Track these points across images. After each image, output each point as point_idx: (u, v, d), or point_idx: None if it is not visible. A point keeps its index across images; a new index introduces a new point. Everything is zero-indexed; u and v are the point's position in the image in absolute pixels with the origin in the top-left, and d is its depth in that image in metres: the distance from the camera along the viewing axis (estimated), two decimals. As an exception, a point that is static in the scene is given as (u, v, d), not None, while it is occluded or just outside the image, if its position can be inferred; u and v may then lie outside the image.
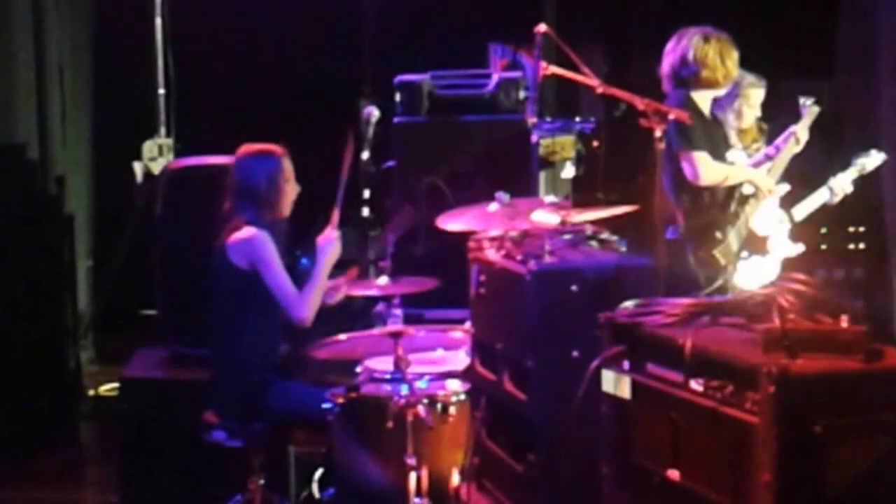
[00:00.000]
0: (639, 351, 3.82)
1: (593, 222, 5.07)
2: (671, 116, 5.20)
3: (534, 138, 6.75)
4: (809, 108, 6.19)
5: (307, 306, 5.08)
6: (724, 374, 3.46)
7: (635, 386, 3.80)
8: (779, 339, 3.42)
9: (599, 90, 5.23)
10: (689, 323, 3.76)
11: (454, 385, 5.10)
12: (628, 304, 3.96)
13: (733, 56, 5.93)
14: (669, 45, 5.97)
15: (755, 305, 3.72)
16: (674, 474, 3.63)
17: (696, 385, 3.56)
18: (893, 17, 7.32)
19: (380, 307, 5.68)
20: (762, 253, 5.95)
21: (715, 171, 5.84)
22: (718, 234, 5.87)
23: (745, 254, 5.92)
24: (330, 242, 5.20)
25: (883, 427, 3.34)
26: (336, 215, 5.31)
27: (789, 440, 3.26)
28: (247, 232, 5.14)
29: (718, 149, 5.97)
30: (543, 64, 5.27)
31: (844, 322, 3.47)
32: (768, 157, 6.22)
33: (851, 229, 7.62)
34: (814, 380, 3.31)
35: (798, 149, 6.20)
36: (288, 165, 5.29)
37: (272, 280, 5.11)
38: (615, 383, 3.86)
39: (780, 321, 3.50)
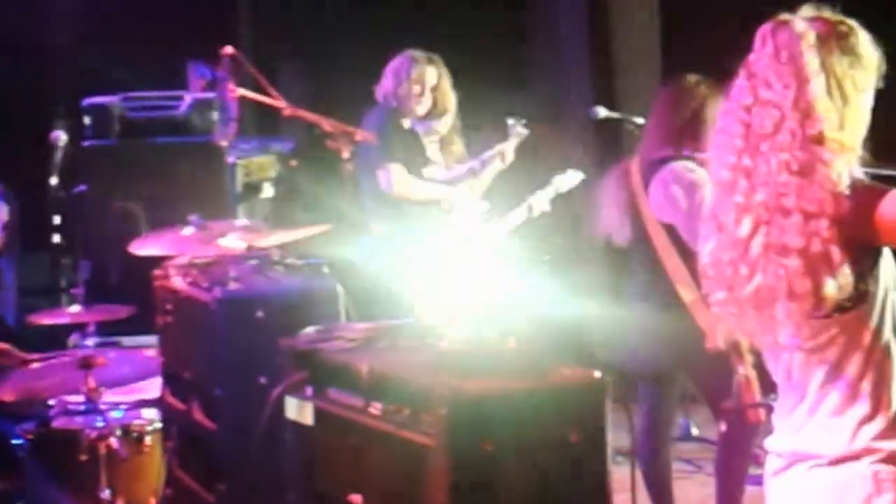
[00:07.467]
0: (320, 377, 3.82)
1: (281, 245, 5.05)
2: (357, 138, 5.28)
3: (231, 160, 6.72)
4: (517, 130, 6.36)
5: None
6: (402, 397, 3.49)
7: (318, 412, 3.79)
8: (452, 360, 3.49)
9: (287, 112, 5.26)
10: (369, 347, 3.80)
11: (150, 414, 5.02)
12: (309, 329, 3.97)
13: (442, 86, 6.12)
14: (391, 64, 6.14)
15: (433, 328, 3.78)
16: (356, 499, 3.64)
17: (374, 409, 3.58)
18: (576, 39, 7.61)
19: (74, 336, 5.54)
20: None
21: (408, 184, 5.99)
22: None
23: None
24: None
25: (553, 441, 3.42)
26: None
27: (461, 460, 3.30)
28: None
29: (415, 163, 6.10)
30: (231, 86, 5.26)
31: (513, 343, 3.57)
32: (472, 171, 6.36)
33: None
34: (484, 400, 3.37)
35: (503, 167, 6.37)
36: None
37: None
38: (298, 410, 3.85)
39: (452, 344, 3.57)
